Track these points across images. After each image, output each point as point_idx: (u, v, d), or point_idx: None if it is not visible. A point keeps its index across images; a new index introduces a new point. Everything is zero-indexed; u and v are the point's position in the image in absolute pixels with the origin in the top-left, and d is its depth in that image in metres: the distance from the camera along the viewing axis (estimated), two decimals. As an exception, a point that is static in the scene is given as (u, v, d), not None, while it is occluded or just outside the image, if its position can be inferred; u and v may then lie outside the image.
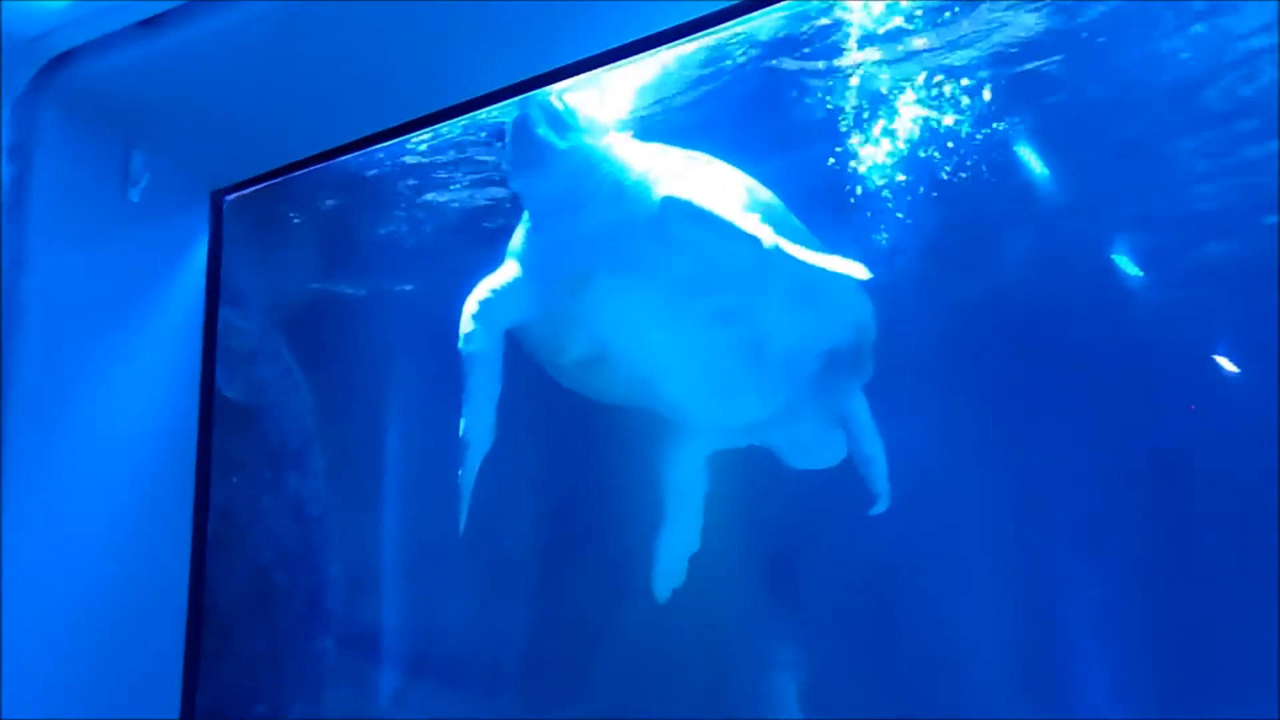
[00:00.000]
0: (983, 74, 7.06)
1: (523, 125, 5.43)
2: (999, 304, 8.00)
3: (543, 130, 5.44)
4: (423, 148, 6.75)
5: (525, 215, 6.02)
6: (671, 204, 5.50)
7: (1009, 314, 8.03)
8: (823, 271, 5.81)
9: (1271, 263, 7.61)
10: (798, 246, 5.48)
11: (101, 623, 4.31)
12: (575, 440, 7.95)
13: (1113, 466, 7.89)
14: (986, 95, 7.17)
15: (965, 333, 7.82)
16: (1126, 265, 7.84)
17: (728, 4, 3.82)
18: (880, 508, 6.62)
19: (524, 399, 7.81)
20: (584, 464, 8.01)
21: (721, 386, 6.36)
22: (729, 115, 7.18)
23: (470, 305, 5.97)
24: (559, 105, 5.45)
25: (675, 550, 6.81)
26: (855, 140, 7.48)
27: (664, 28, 4.05)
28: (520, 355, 6.45)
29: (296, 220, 6.85)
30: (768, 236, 5.38)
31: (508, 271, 6.02)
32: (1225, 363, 7.83)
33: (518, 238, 6.07)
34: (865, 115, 7.39)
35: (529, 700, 7.84)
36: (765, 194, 5.97)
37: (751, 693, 8.07)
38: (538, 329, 6.12)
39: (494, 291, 5.98)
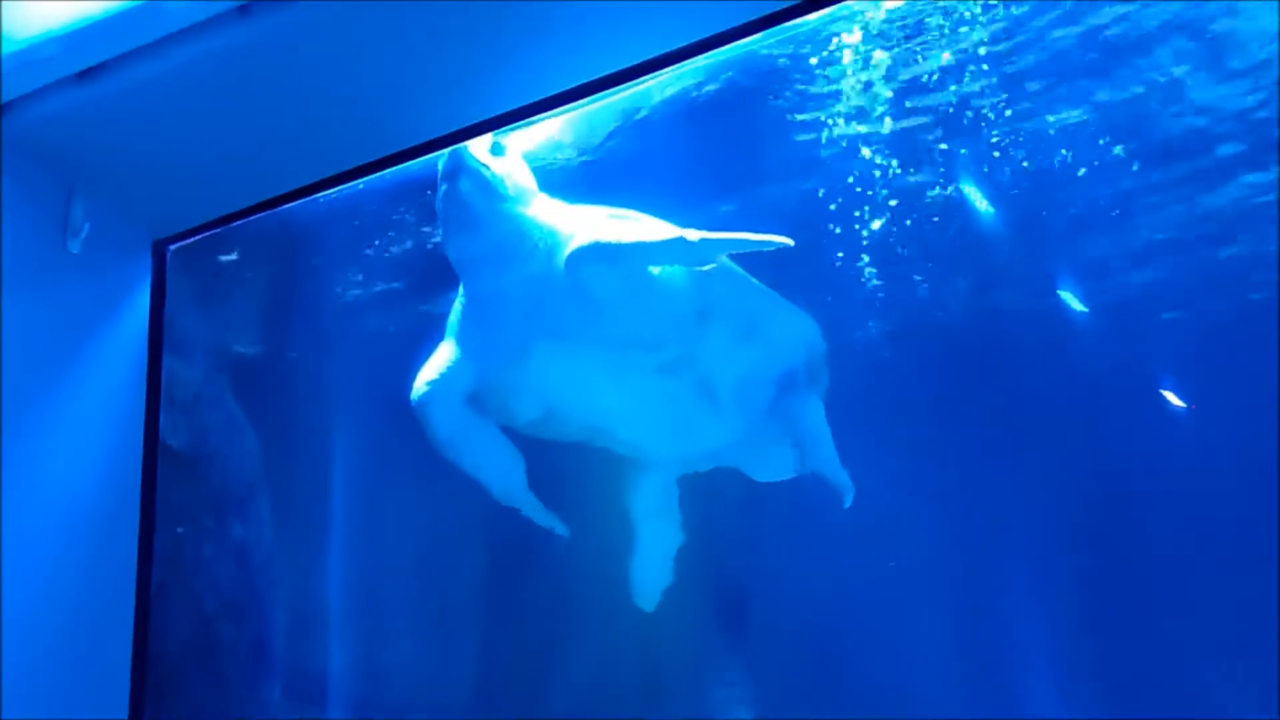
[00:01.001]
0: (925, 107, 7.17)
1: (451, 191, 5.43)
2: (948, 333, 8.08)
3: (470, 195, 5.44)
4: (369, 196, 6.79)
5: (460, 290, 6.01)
6: (578, 255, 5.49)
7: (957, 344, 8.11)
8: (761, 302, 5.86)
9: (1220, 297, 7.77)
10: (718, 233, 5.44)
11: (45, 672, 4.27)
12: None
13: (1059, 497, 7.97)
14: (932, 139, 7.29)
15: (913, 361, 7.90)
16: (1071, 300, 7.95)
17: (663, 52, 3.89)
18: (849, 500, 6.64)
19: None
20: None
21: (677, 426, 6.38)
22: (661, 161, 7.21)
23: (421, 392, 5.92)
24: (486, 171, 5.45)
25: (650, 569, 6.78)
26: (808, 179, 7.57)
27: (611, 71, 4.11)
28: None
29: (240, 268, 6.83)
30: (690, 234, 5.38)
31: (446, 351, 5.99)
32: (1172, 397, 7.94)
33: (454, 314, 6.05)
34: (820, 153, 7.48)
35: (477, 745, 7.80)
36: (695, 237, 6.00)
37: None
38: (485, 398, 6.09)
39: (440, 373, 5.95)
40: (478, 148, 5.43)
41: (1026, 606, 7.72)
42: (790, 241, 5.28)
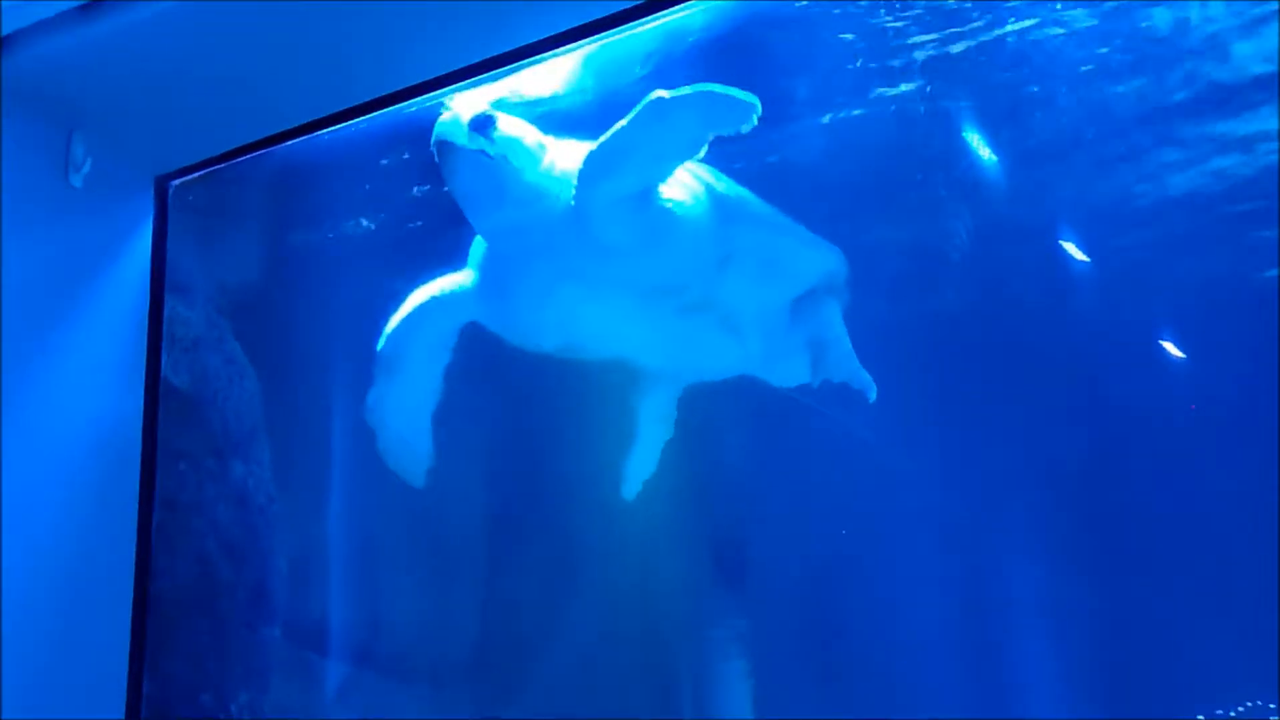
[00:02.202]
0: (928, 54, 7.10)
1: (453, 179, 5.37)
2: (944, 290, 8.06)
3: (474, 182, 5.37)
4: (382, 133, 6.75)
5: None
6: (581, 185, 5.42)
7: (954, 301, 8.09)
8: (785, 240, 5.84)
9: (1221, 250, 7.74)
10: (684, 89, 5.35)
11: (46, 613, 4.29)
12: (525, 433, 7.96)
13: (1058, 454, 7.97)
14: (932, 76, 7.21)
15: (908, 319, 7.88)
16: (1072, 250, 7.91)
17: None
18: (873, 395, 6.63)
19: (471, 390, 7.82)
20: (533, 458, 8.01)
21: (697, 355, 6.37)
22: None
23: (420, 301, 5.90)
24: (483, 157, 5.37)
25: (640, 464, 6.77)
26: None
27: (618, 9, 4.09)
28: (469, 342, 6.43)
29: (242, 206, 6.80)
30: (660, 93, 5.30)
31: (463, 278, 5.95)
32: (1171, 348, 7.92)
33: (476, 247, 6.01)
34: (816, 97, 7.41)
35: (476, 694, 7.83)
36: (722, 183, 5.95)
37: (700, 687, 8.10)
38: (505, 333, 6.07)
39: (444, 293, 5.92)
40: (466, 123, 5.35)
41: (1026, 559, 7.74)
42: (756, 104, 5.19)
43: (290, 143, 4.70)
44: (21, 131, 4.36)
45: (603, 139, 5.21)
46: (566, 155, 5.59)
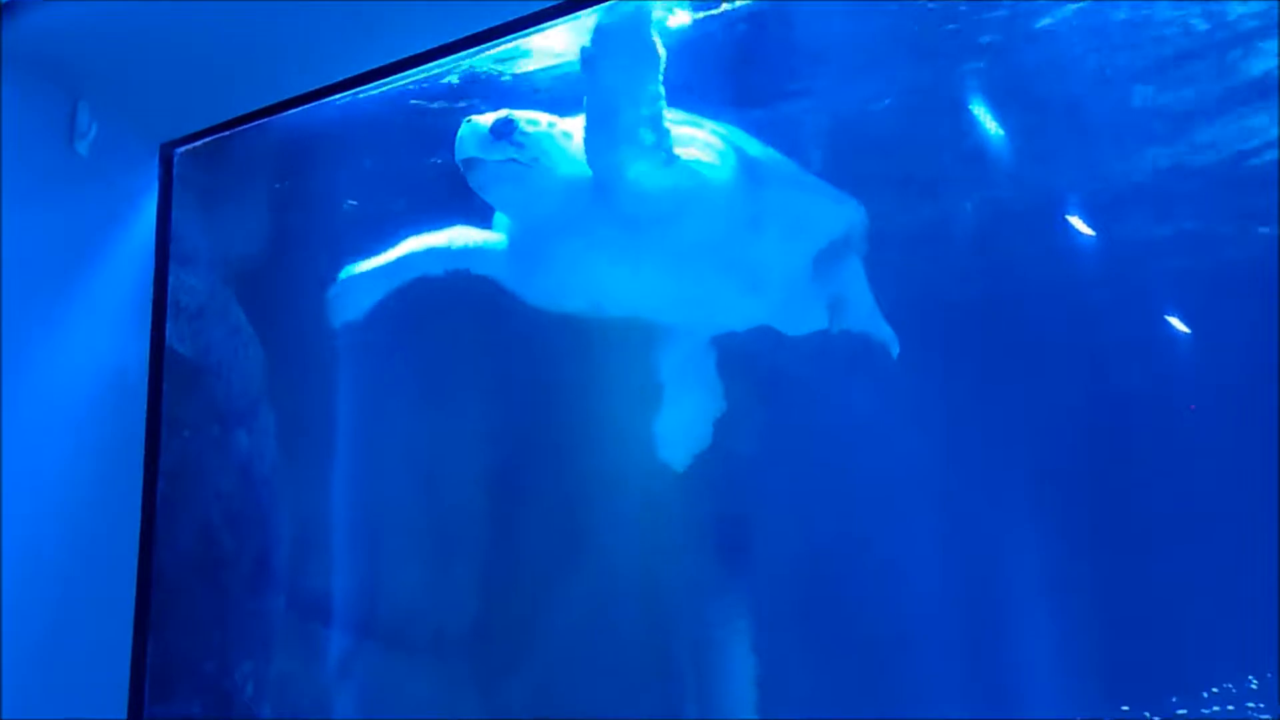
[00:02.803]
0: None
1: (471, 160, 5.33)
2: (949, 262, 8.04)
3: (492, 154, 5.33)
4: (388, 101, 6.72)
5: None
6: (592, 161, 5.41)
7: (959, 273, 8.08)
8: (812, 199, 5.86)
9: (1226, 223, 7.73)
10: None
11: (50, 583, 4.28)
12: (527, 404, 7.95)
13: (1063, 430, 7.97)
14: (942, 47, 7.16)
15: (917, 285, 7.85)
16: (1078, 224, 7.89)
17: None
18: (896, 350, 6.64)
19: (475, 362, 7.82)
20: (535, 428, 8.01)
21: (721, 312, 6.37)
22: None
23: (440, 238, 5.91)
24: (512, 164, 5.33)
25: (680, 430, 6.73)
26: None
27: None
28: (468, 311, 6.43)
29: (248, 174, 6.77)
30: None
31: (491, 237, 5.95)
32: (1178, 323, 7.91)
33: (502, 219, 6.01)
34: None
35: (478, 665, 7.84)
36: (754, 145, 5.93)
37: (702, 659, 8.11)
38: (529, 296, 6.07)
39: (476, 244, 5.92)
40: (488, 131, 5.32)
41: (1028, 533, 7.75)
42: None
43: (296, 110, 4.67)
44: (26, 99, 4.33)
45: (584, 119, 5.22)
46: (576, 123, 5.57)
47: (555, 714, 7.62)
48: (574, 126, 5.46)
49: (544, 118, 5.40)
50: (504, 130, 5.23)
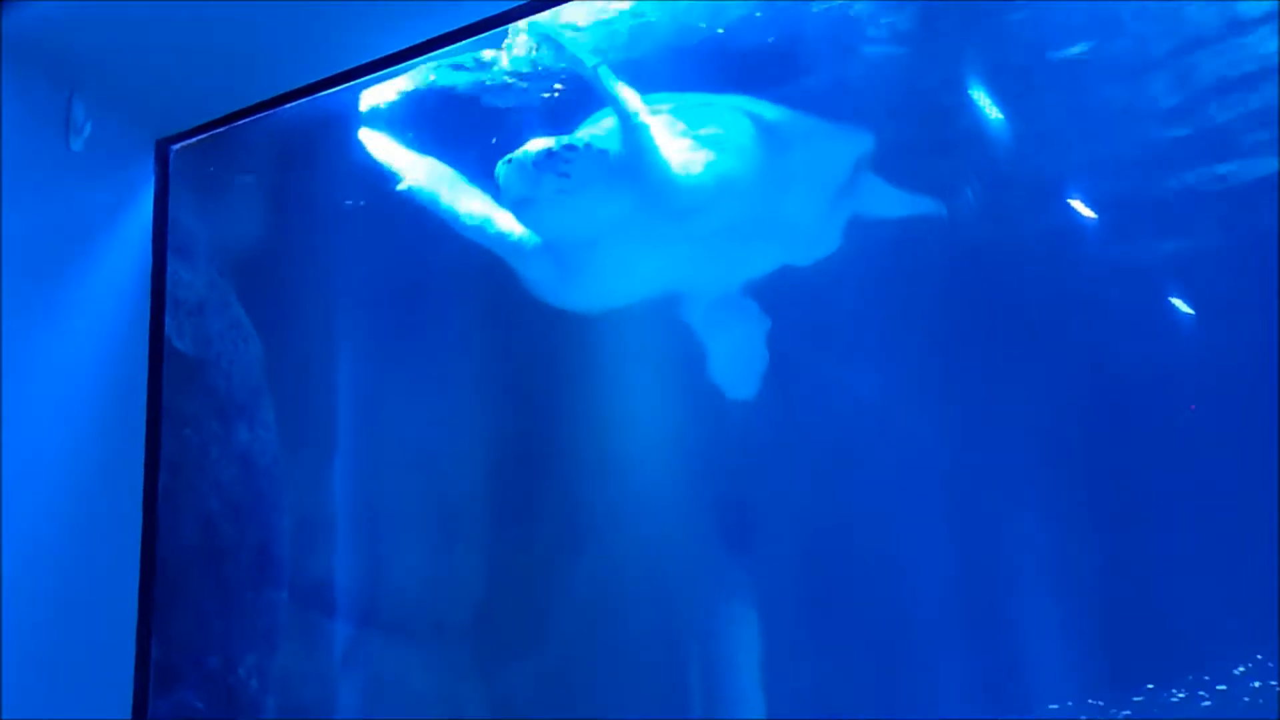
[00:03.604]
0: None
1: (524, 200, 5.35)
2: (950, 248, 8.03)
3: (544, 190, 5.34)
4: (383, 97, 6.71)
5: None
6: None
7: (960, 258, 8.06)
8: (832, 145, 5.91)
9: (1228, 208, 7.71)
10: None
11: (52, 577, 4.28)
12: (529, 391, 7.95)
13: (1063, 411, 7.97)
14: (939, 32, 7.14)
15: (916, 277, 7.85)
16: (1080, 208, 7.89)
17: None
18: (944, 211, 6.71)
19: (476, 348, 7.81)
20: (537, 416, 8.01)
21: (751, 265, 6.42)
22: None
23: (502, 218, 5.91)
24: (528, 155, 5.33)
25: (734, 360, 6.75)
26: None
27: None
28: (469, 297, 6.44)
29: (245, 169, 6.77)
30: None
31: (520, 231, 5.99)
32: (1180, 304, 7.91)
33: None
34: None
35: (480, 653, 7.85)
36: (769, 109, 5.97)
37: (706, 643, 8.12)
38: (568, 300, 6.13)
39: (510, 234, 5.94)
40: (532, 166, 5.34)
41: (1028, 515, 7.75)
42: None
43: (292, 105, 4.66)
44: (21, 94, 4.31)
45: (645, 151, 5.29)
46: (605, 135, 5.59)
47: (559, 701, 7.64)
48: (606, 140, 5.49)
49: (579, 138, 5.43)
50: (547, 164, 5.23)
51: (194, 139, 4.81)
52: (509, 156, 5.27)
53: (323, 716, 6.97)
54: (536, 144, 5.29)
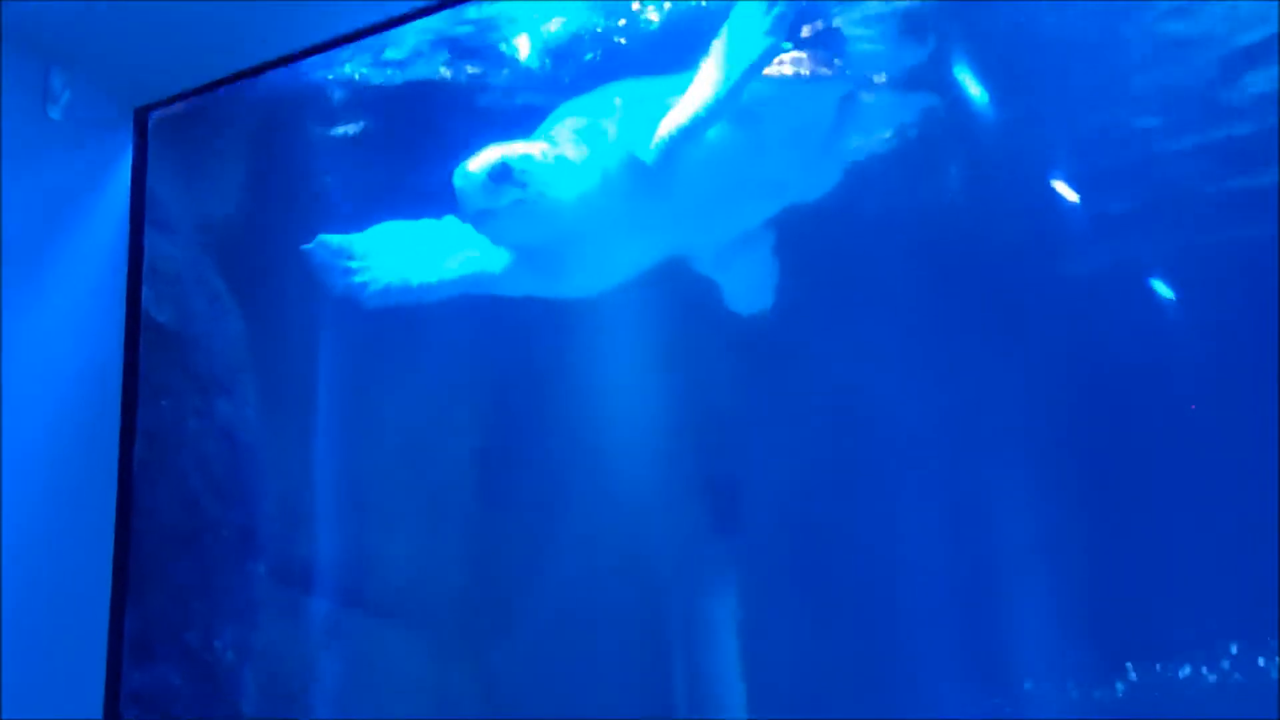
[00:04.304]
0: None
1: (482, 212, 5.32)
2: (936, 237, 8.01)
3: (498, 201, 5.31)
4: (363, 68, 6.67)
5: None
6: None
7: (946, 246, 8.05)
8: (802, 101, 5.91)
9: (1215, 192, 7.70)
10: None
11: (28, 548, 4.26)
12: (512, 371, 7.93)
13: (1051, 399, 7.96)
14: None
15: (906, 256, 7.84)
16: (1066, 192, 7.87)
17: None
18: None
19: (459, 329, 7.79)
20: (520, 396, 8.00)
21: (746, 217, 6.41)
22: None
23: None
24: (482, 169, 5.31)
25: (750, 278, 6.75)
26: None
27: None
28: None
29: (225, 139, 6.73)
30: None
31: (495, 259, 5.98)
32: (1164, 289, 7.91)
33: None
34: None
35: (465, 633, 7.84)
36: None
37: (691, 626, 8.12)
38: (560, 292, 6.12)
39: (472, 271, 5.94)
40: (485, 179, 5.31)
41: (1018, 505, 7.75)
42: None
43: (272, 73, 4.63)
44: (-2, 61, 4.29)
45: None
46: (570, 139, 5.57)
47: (542, 681, 7.64)
48: (564, 146, 5.48)
49: (535, 149, 5.40)
50: (503, 175, 5.22)
51: (173, 107, 4.78)
52: (464, 168, 5.23)
53: (302, 692, 6.95)
54: (492, 154, 5.25)
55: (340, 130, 7.13)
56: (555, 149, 5.44)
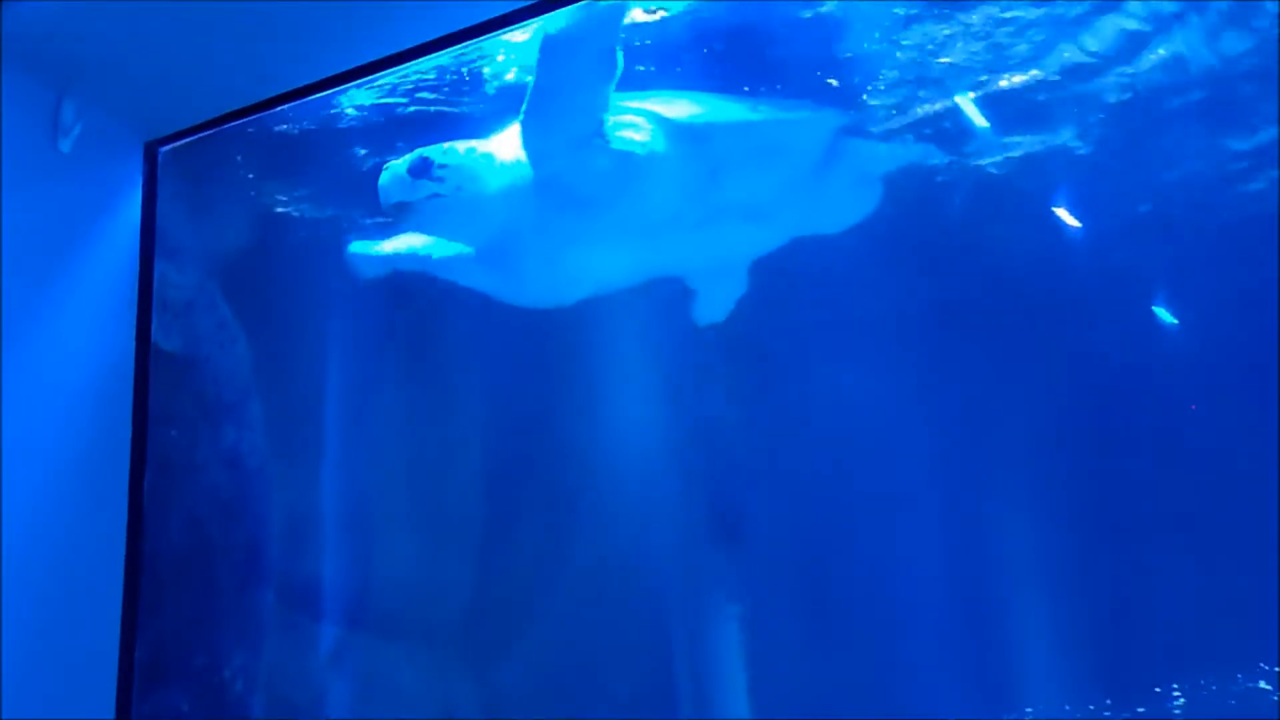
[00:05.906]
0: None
1: (401, 205, 5.41)
2: (937, 249, 8.03)
3: (416, 194, 5.40)
4: (368, 102, 6.71)
5: None
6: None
7: (946, 258, 8.06)
8: (769, 130, 5.96)
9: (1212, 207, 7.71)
10: None
11: (38, 577, 4.29)
12: (515, 390, 7.96)
13: (1051, 414, 7.97)
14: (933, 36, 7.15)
15: (908, 265, 7.85)
16: (1065, 216, 7.88)
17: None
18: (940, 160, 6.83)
19: (462, 349, 7.82)
20: (524, 415, 8.02)
21: (732, 243, 6.47)
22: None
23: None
24: (407, 165, 5.38)
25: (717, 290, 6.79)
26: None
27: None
28: (454, 299, 6.43)
29: (233, 171, 6.78)
30: None
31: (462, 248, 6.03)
32: (1165, 314, 7.93)
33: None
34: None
35: (468, 655, 7.85)
36: (709, 106, 5.99)
37: (695, 646, 8.12)
38: (514, 297, 6.16)
39: (444, 254, 5.99)
40: (405, 174, 5.40)
41: (1019, 515, 7.76)
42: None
43: (280, 108, 4.68)
44: (10, 95, 4.33)
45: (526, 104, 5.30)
46: (507, 143, 5.63)
47: (548, 700, 7.65)
48: (495, 146, 5.54)
49: (461, 145, 5.49)
50: (421, 169, 5.34)
51: (182, 141, 4.83)
52: (388, 164, 5.35)
53: (310, 717, 6.97)
54: (417, 151, 5.39)
55: (347, 159, 7.19)
56: (486, 146, 5.53)
